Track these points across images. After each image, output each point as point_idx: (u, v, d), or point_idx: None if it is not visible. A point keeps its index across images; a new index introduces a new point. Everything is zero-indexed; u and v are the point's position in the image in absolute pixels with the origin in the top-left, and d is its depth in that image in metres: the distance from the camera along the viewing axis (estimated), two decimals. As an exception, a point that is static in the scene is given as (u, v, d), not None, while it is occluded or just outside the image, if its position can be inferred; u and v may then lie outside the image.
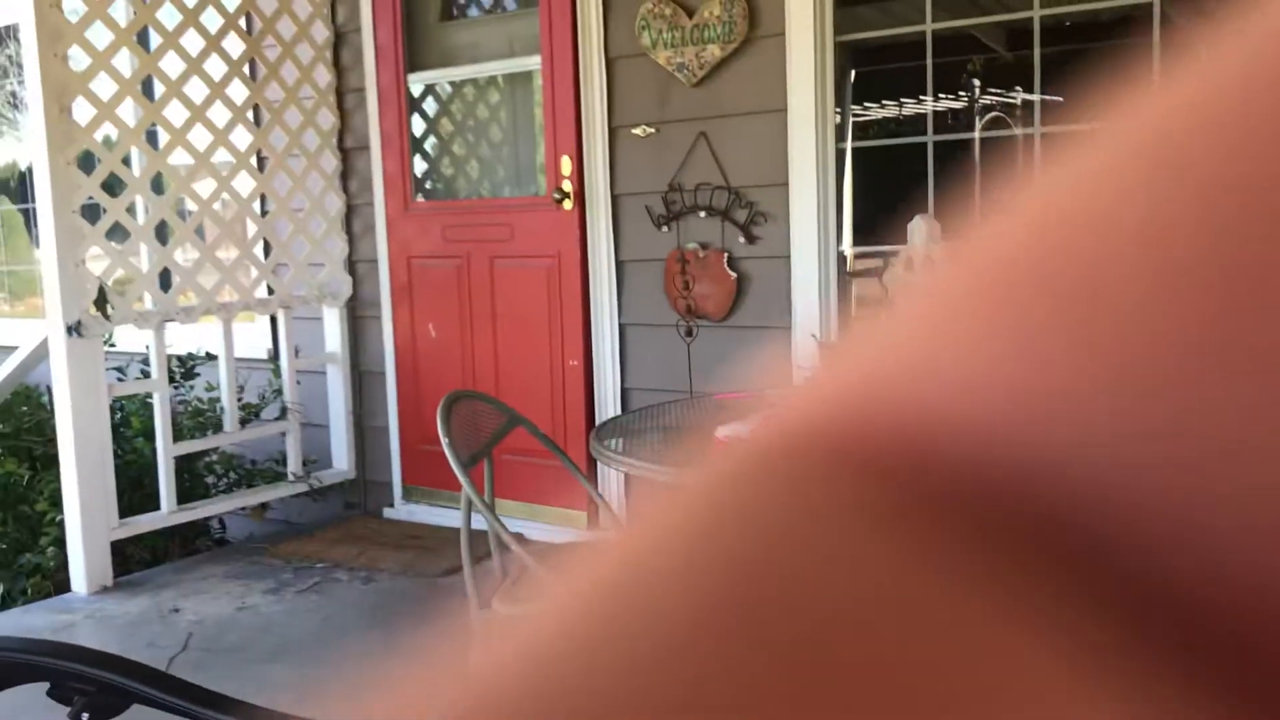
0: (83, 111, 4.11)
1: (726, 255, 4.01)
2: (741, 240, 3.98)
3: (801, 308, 3.88)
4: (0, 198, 6.88)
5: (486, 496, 2.69)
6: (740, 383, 3.62)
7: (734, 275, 4.00)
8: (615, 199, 4.26)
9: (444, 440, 2.46)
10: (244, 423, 4.75)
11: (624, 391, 4.34)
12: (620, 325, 4.32)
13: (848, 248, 3.94)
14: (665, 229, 4.14)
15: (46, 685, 1.70)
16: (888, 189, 3.98)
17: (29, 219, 6.68)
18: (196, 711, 1.68)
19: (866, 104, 3.92)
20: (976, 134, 3.73)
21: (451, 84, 4.87)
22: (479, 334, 4.69)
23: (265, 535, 4.91)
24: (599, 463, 4.35)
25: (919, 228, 2.61)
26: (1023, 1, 3.53)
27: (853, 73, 3.90)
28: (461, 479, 2.43)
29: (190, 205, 4.60)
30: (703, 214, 4.04)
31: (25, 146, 6.64)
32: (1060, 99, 3.57)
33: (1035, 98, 3.56)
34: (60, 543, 4.27)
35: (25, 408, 4.82)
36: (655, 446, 2.56)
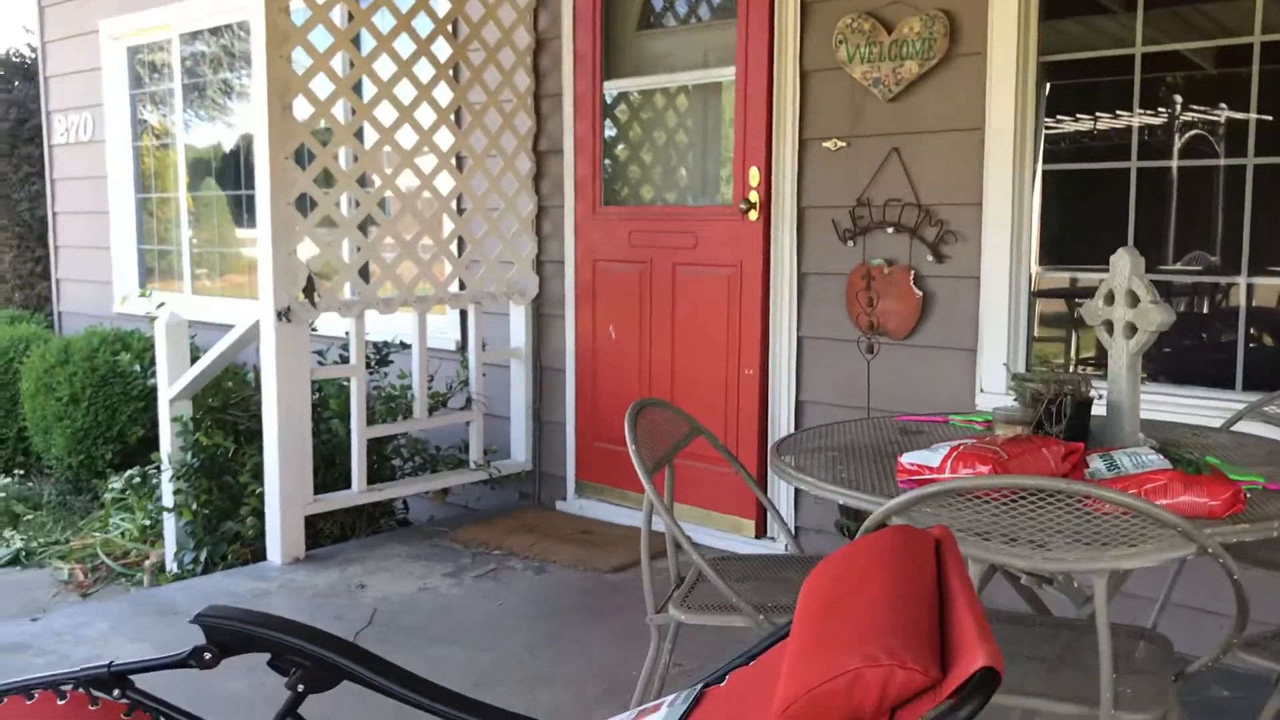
0: (300, 109, 4.37)
1: (913, 273, 3.98)
2: (929, 258, 3.94)
3: (989, 331, 3.82)
4: (208, 180, 7.33)
5: (666, 501, 2.75)
6: (923, 406, 3.59)
7: (919, 294, 3.97)
8: (801, 211, 4.27)
9: (631, 447, 2.53)
10: (432, 410, 4.97)
11: (798, 404, 4.35)
12: (799, 338, 4.33)
13: (1035, 267, 3.84)
14: (851, 244, 4.13)
15: (268, 656, 1.84)
16: (1080, 209, 3.87)
17: (234, 204, 7.11)
18: (404, 694, 1.79)
19: (1060, 117, 3.81)
20: (1175, 161, 3.59)
21: (642, 91, 4.96)
22: (657, 338, 4.78)
23: (445, 519, 5.13)
24: (770, 473, 4.38)
25: (1122, 261, 2.54)
26: (1242, 23, 3.39)
27: (1048, 86, 3.80)
28: (646, 485, 2.50)
29: (391, 201, 4.83)
30: (890, 230, 4.02)
31: (232, 132, 7.08)
32: (1271, 119, 3.40)
33: (1250, 116, 3.41)
34: (259, 514, 4.56)
35: (231, 384, 5.15)
36: (834, 466, 2.57)
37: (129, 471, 5.60)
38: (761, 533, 4.50)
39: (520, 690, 3.22)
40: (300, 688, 1.83)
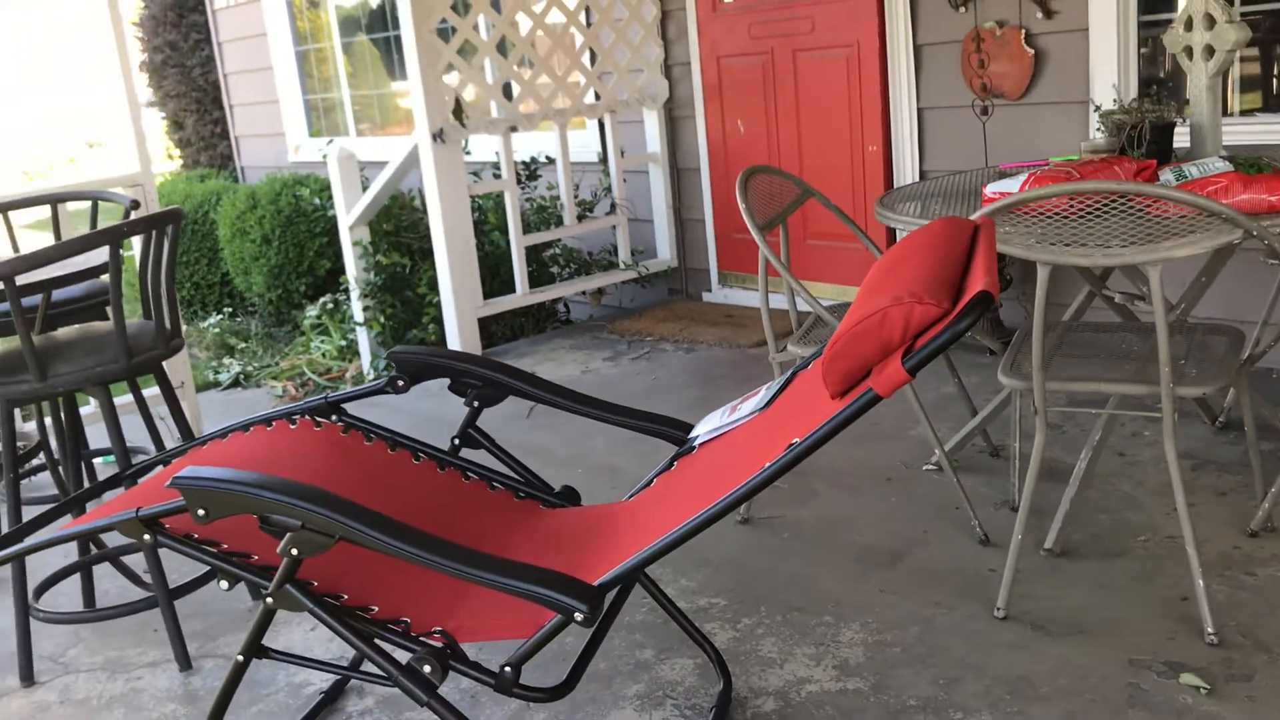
0: (432, -58, 4.67)
1: (1024, 32, 4.07)
2: (1039, 15, 4.02)
3: (1100, 81, 3.91)
4: (358, 36, 7.72)
5: (783, 259, 3.07)
6: (1027, 156, 3.76)
7: (1031, 52, 4.07)
8: (913, -16, 4.37)
9: (741, 205, 2.85)
10: (580, 218, 5.36)
11: (922, 173, 4.55)
12: (918, 109, 4.49)
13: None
14: (962, 9, 4.23)
15: (447, 381, 2.29)
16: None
17: (387, 56, 7.50)
18: (566, 403, 2.22)
19: None
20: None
21: (755, -117, 5.04)
22: (784, 126, 5.00)
23: (602, 317, 5.58)
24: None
25: (1196, -16, 2.66)
26: None
27: None
28: (757, 238, 2.82)
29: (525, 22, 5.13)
30: (1000, -8, 4.10)
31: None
32: None
33: None
34: (438, 321, 5.09)
35: (400, 210, 5.65)
36: (929, 208, 2.83)
37: (322, 299, 6.25)
38: (894, 301, 4.77)
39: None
40: (476, 404, 2.28)
